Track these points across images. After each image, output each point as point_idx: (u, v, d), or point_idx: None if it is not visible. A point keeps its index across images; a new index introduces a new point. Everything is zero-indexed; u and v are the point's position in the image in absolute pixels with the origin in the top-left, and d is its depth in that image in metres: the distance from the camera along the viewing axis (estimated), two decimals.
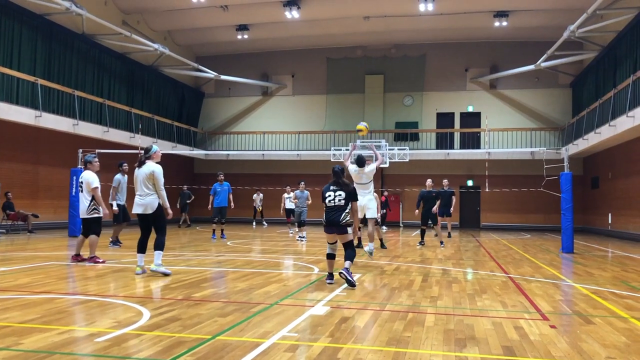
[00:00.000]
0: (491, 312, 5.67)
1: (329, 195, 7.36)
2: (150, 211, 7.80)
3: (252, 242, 15.44)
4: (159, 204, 7.85)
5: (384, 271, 8.87)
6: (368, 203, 10.04)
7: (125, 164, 12.48)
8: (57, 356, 3.83)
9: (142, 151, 8.12)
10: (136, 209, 7.91)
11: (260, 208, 24.53)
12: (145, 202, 7.80)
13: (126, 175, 12.34)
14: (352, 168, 10.11)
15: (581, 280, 8.31)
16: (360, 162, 9.99)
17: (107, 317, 5.10)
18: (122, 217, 12.48)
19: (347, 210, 7.29)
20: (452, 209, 17.26)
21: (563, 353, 4.14)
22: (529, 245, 15.53)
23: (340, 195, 7.31)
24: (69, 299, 6.02)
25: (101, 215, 9.42)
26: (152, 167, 7.83)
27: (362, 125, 10.52)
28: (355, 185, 9.99)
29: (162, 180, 7.85)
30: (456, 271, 9.14)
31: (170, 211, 8.01)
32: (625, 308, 5.98)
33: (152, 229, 8.04)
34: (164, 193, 7.87)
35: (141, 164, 7.90)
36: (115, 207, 12.08)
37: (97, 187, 9.28)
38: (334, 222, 7.25)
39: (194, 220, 27.50)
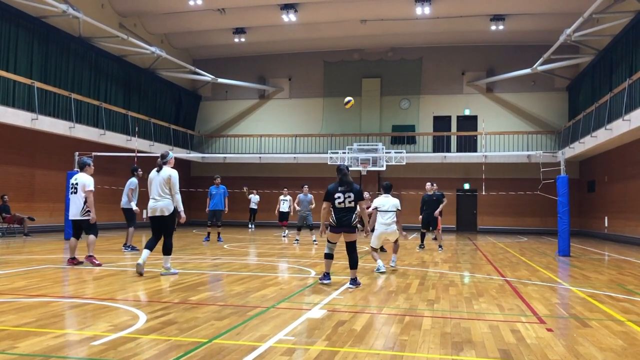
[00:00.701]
0: (488, 315, 5.67)
1: (339, 197, 7.32)
2: (166, 213, 8.11)
3: (249, 245, 15.41)
4: (174, 207, 8.15)
5: (381, 274, 8.86)
6: (393, 233, 9.60)
7: (140, 170, 12.39)
8: None
9: (159, 157, 8.44)
10: (150, 212, 8.19)
11: (252, 206, 24.41)
12: (161, 204, 8.09)
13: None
14: (379, 200, 9.57)
15: (577, 283, 8.33)
16: (388, 188, 9.76)
17: (103, 320, 5.07)
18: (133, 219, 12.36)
19: (356, 212, 7.33)
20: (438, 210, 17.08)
21: (560, 356, 4.14)
22: (525, 249, 15.55)
23: (349, 197, 7.31)
24: (64, 302, 5.99)
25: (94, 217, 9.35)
26: (169, 171, 8.19)
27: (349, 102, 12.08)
28: (380, 212, 9.54)
29: (178, 184, 8.18)
30: (453, 274, 9.14)
31: (184, 215, 8.33)
32: (622, 311, 5.99)
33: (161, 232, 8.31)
34: (179, 197, 8.20)
35: (160, 168, 8.21)
36: (135, 207, 11.96)
37: (91, 190, 9.28)
38: (344, 224, 7.30)
39: (192, 223, 27.45)
